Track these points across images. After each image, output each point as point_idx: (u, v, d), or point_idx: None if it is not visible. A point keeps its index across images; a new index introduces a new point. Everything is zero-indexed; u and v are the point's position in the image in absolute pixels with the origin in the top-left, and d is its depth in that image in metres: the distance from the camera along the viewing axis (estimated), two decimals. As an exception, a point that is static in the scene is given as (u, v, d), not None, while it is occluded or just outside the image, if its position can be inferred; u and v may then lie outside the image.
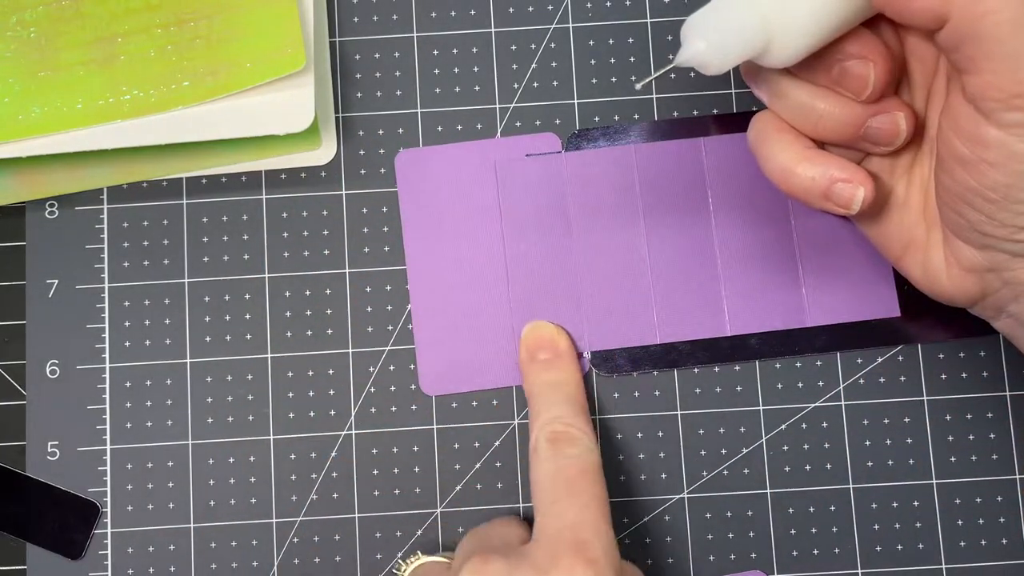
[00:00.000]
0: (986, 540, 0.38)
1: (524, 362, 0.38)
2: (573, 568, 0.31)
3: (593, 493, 0.33)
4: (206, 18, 0.39)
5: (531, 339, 0.38)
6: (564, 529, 0.32)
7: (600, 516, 0.33)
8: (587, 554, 0.31)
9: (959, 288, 0.33)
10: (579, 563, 0.31)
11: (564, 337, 0.38)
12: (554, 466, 0.34)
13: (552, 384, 0.37)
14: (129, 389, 0.39)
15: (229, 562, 0.38)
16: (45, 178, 0.39)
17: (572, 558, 0.31)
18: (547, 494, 0.33)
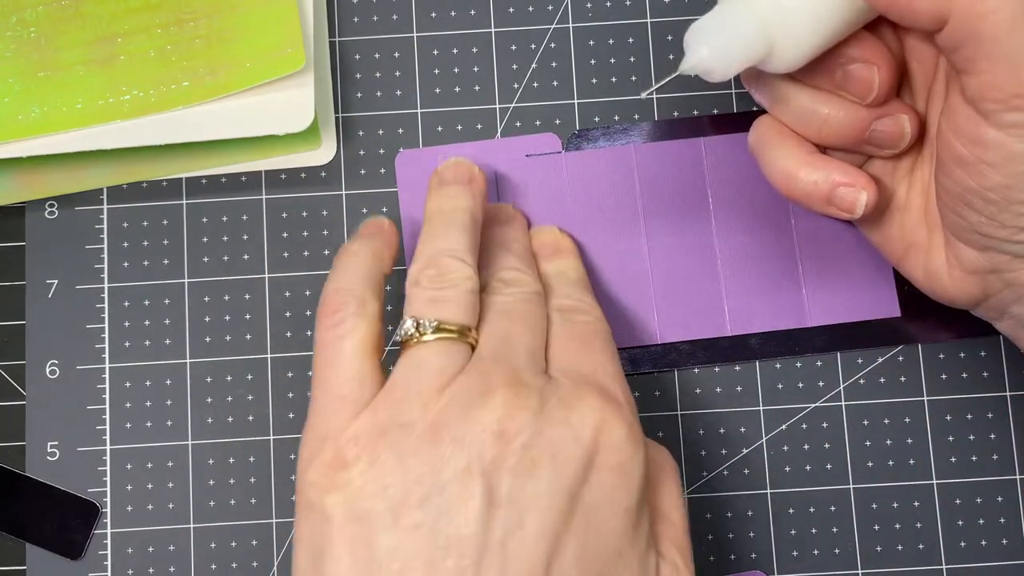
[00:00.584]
0: (986, 540, 0.38)
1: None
2: (603, 407, 0.30)
3: (610, 352, 0.32)
4: (206, 18, 0.39)
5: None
6: (588, 375, 0.31)
7: (620, 367, 0.32)
8: (613, 398, 0.30)
9: (961, 290, 0.33)
10: (608, 404, 0.30)
11: (567, 238, 0.38)
12: (570, 328, 0.33)
13: (561, 268, 0.36)
14: (129, 389, 0.39)
15: (229, 562, 0.38)
16: (45, 178, 0.39)
17: (599, 399, 0.30)
18: (562, 350, 0.32)
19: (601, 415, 0.29)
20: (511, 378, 0.30)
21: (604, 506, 0.29)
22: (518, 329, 0.32)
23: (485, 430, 0.28)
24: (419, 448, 0.28)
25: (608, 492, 0.29)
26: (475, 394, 0.29)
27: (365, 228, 0.35)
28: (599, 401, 0.30)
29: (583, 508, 0.28)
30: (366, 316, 0.31)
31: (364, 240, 0.34)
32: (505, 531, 0.27)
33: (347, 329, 0.31)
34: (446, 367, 0.30)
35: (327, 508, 0.28)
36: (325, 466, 0.29)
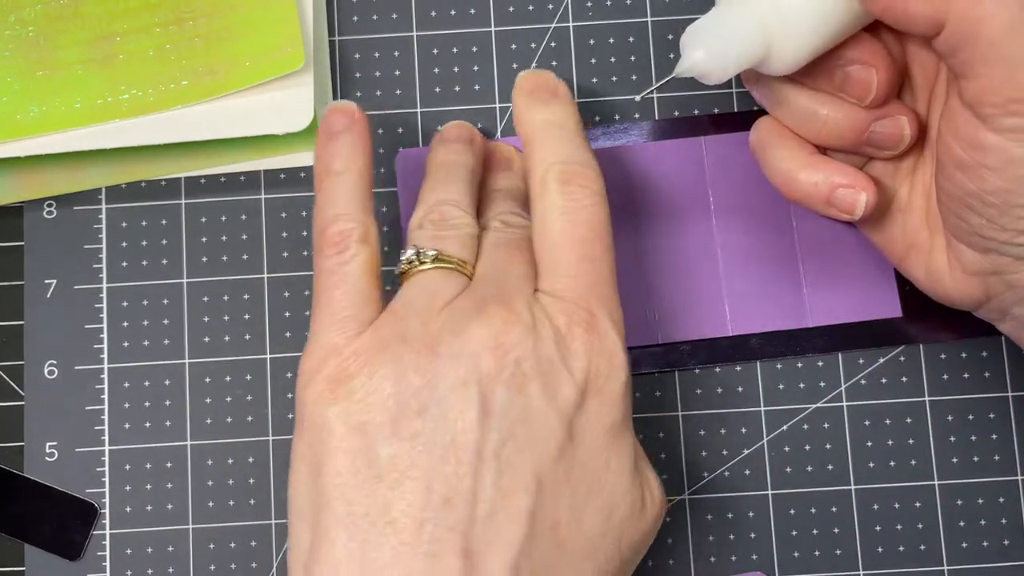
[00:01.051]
0: (988, 541, 0.38)
1: (519, 102, 0.35)
2: (589, 340, 0.30)
3: (607, 260, 0.32)
4: (205, 17, 0.39)
5: (528, 81, 0.35)
6: (578, 298, 0.31)
7: (612, 286, 0.32)
8: (598, 326, 0.31)
9: (963, 291, 0.33)
10: (593, 336, 0.30)
11: (564, 84, 0.36)
12: (566, 219, 0.32)
13: (556, 122, 0.34)
14: (128, 390, 0.39)
15: (228, 563, 0.38)
16: (43, 178, 0.39)
17: (586, 332, 0.30)
18: (560, 249, 0.32)
19: (587, 348, 0.30)
20: (505, 298, 0.30)
21: (592, 425, 0.30)
22: (515, 258, 0.32)
23: (480, 344, 0.29)
24: (418, 362, 0.29)
25: (595, 415, 0.30)
26: (471, 312, 0.30)
27: (334, 124, 0.34)
28: (586, 334, 0.30)
29: (571, 426, 0.29)
30: (368, 241, 0.32)
31: (343, 153, 0.33)
32: (499, 440, 0.29)
33: (352, 255, 0.31)
34: (444, 289, 0.31)
35: (329, 420, 0.29)
36: (327, 380, 0.30)
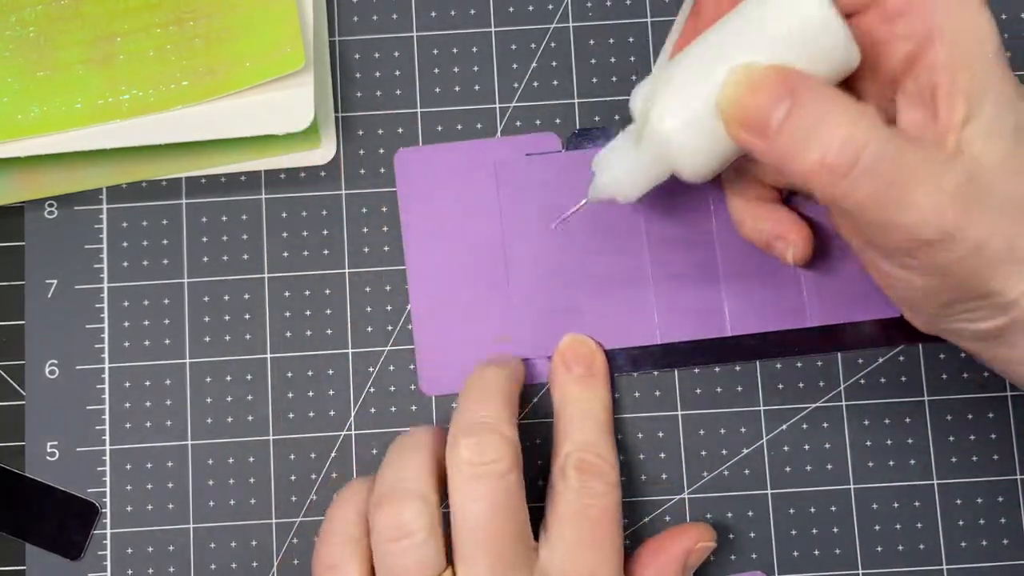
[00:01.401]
0: (987, 541, 0.38)
1: (557, 370, 0.37)
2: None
3: (612, 542, 0.34)
4: (205, 17, 0.39)
5: (569, 350, 0.38)
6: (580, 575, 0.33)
7: (615, 569, 0.34)
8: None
9: (931, 329, 0.33)
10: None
11: (601, 356, 0.38)
12: (580, 503, 0.34)
13: (585, 403, 0.36)
14: (128, 389, 0.39)
15: (228, 563, 0.38)
16: (44, 178, 0.39)
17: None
18: (568, 530, 0.33)
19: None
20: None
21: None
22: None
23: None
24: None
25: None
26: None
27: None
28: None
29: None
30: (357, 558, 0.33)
31: (348, 491, 0.35)
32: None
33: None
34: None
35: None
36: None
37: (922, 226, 0.26)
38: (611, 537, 0.34)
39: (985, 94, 0.27)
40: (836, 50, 0.28)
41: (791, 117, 0.27)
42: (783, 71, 0.28)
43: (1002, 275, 0.27)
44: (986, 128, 0.26)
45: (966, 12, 0.27)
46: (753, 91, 0.28)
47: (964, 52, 0.26)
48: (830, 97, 0.27)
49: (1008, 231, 0.27)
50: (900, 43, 0.27)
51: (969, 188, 0.26)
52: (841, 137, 0.26)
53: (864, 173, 0.26)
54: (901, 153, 0.26)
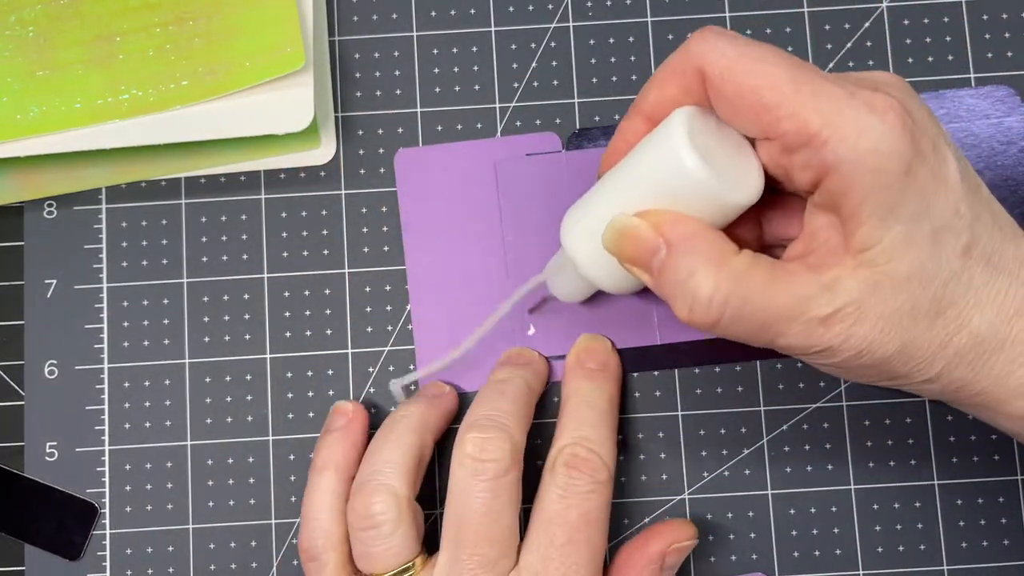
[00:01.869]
0: (988, 541, 0.38)
1: (570, 365, 0.38)
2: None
3: (590, 544, 0.34)
4: (205, 17, 0.39)
5: (583, 346, 0.38)
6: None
7: (592, 572, 0.34)
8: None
9: None
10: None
11: (616, 356, 0.38)
12: (561, 504, 0.34)
13: (589, 396, 0.36)
14: (128, 390, 0.39)
15: (228, 563, 0.38)
16: (43, 178, 0.39)
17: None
18: (544, 533, 0.34)
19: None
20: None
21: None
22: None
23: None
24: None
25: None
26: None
27: (330, 424, 0.37)
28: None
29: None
30: (336, 547, 0.35)
31: (323, 452, 0.36)
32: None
33: (322, 563, 0.35)
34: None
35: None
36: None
37: (796, 347, 0.29)
38: (588, 540, 0.34)
39: (891, 215, 0.27)
40: (718, 199, 0.29)
41: (666, 266, 0.29)
42: (659, 219, 0.30)
43: (900, 366, 0.29)
44: (892, 248, 0.27)
45: (864, 143, 0.27)
46: (627, 238, 0.30)
47: (864, 182, 0.27)
48: (701, 250, 0.29)
49: (903, 336, 0.28)
50: (803, 170, 0.28)
51: (855, 306, 0.28)
52: (706, 294, 0.28)
53: (731, 323, 0.29)
54: (767, 298, 0.28)
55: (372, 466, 0.35)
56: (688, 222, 0.30)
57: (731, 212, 0.30)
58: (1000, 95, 0.39)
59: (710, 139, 0.30)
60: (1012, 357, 0.28)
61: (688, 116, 0.29)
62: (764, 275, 0.28)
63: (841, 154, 0.27)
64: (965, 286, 0.28)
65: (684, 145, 0.29)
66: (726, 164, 0.30)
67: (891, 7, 0.40)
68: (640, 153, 0.31)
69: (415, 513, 0.35)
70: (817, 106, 0.27)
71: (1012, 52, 0.40)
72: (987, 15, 0.40)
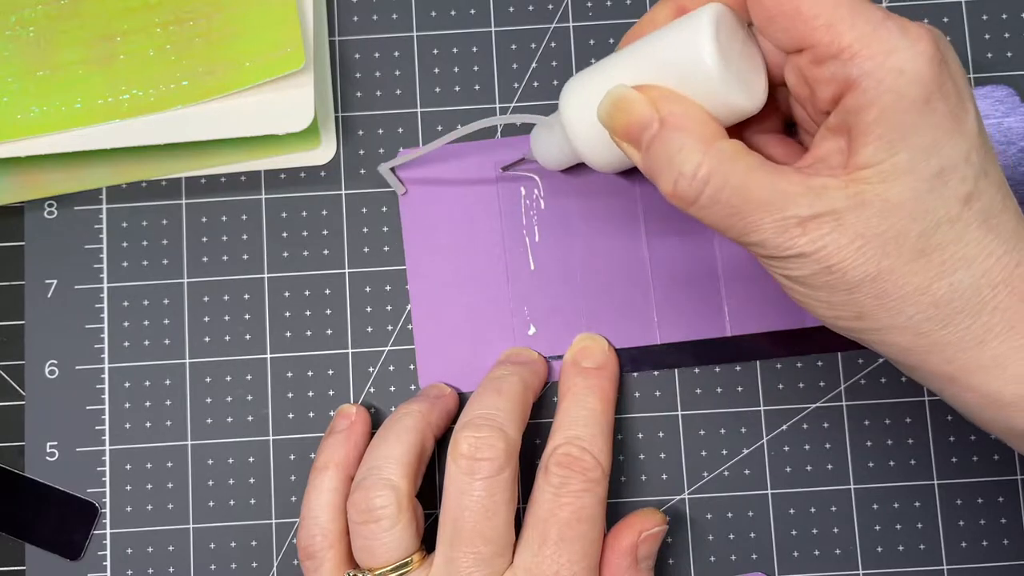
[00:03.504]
0: (987, 541, 0.38)
1: (566, 364, 0.38)
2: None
3: (582, 543, 0.34)
4: (205, 17, 0.39)
5: (580, 346, 0.38)
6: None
7: (585, 570, 0.34)
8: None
9: None
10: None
11: (614, 356, 0.38)
12: (554, 503, 0.34)
13: (584, 396, 0.36)
14: (128, 389, 0.39)
15: (228, 563, 0.38)
16: (44, 178, 0.39)
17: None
18: (538, 527, 0.34)
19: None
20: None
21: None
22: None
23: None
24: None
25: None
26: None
27: (334, 427, 0.38)
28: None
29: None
30: (334, 545, 0.35)
31: (326, 451, 0.37)
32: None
33: (319, 561, 0.35)
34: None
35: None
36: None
37: (766, 244, 0.28)
38: (582, 537, 0.34)
39: (900, 140, 0.27)
40: (722, 96, 0.30)
41: (656, 139, 0.29)
42: (656, 94, 0.30)
43: (871, 300, 0.28)
44: (892, 171, 0.27)
45: (891, 62, 0.27)
46: (622, 110, 0.30)
47: (882, 101, 0.27)
48: (692, 128, 0.29)
49: (881, 262, 0.27)
50: (827, 84, 0.28)
51: (836, 217, 0.27)
52: (690, 169, 0.28)
53: (709, 203, 0.28)
54: (749, 184, 0.28)
55: (373, 461, 0.35)
56: (684, 101, 0.30)
57: (731, 114, 0.30)
58: (1000, 95, 0.39)
59: (731, 42, 0.30)
60: (989, 326, 0.27)
61: (718, 12, 0.30)
62: (751, 163, 0.28)
63: (867, 69, 0.27)
64: (958, 233, 0.27)
65: (707, 36, 0.29)
66: (740, 68, 0.30)
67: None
68: (660, 36, 0.31)
69: (415, 509, 0.35)
70: (853, 21, 0.27)
71: (1012, 52, 0.40)
72: (987, 15, 0.40)
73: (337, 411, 0.38)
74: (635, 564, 0.35)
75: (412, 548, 0.34)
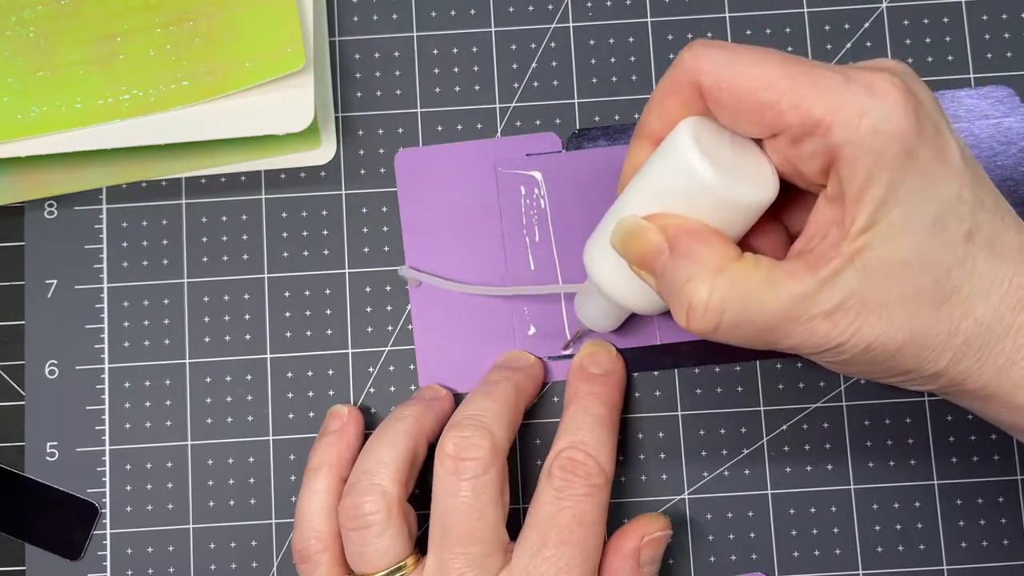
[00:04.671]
0: (987, 541, 0.38)
1: (573, 369, 0.38)
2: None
3: (582, 547, 0.34)
4: (205, 17, 0.39)
5: (587, 352, 0.38)
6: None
7: (584, 567, 0.33)
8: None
9: None
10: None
11: (621, 364, 0.38)
12: (556, 505, 0.34)
13: (590, 400, 0.36)
14: (128, 390, 0.39)
15: (228, 563, 0.38)
16: (44, 178, 0.39)
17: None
18: (538, 529, 0.34)
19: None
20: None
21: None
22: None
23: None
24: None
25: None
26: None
27: (326, 427, 0.38)
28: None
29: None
30: (329, 548, 0.35)
31: (319, 452, 0.37)
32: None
33: (314, 565, 0.35)
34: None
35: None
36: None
37: (802, 347, 0.28)
38: (582, 541, 0.34)
39: (891, 197, 0.27)
40: (730, 201, 0.29)
41: (667, 267, 0.29)
42: (666, 221, 0.30)
43: (910, 359, 0.28)
44: (890, 230, 0.27)
45: (865, 125, 0.27)
46: (635, 239, 0.30)
47: (864, 167, 0.27)
48: (699, 254, 0.29)
49: (911, 324, 0.28)
50: (811, 160, 0.28)
51: (857, 298, 0.27)
52: (700, 302, 0.28)
53: (730, 330, 0.28)
54: (765, 301, 0.28)
55: (364, 466, 0.35)
56: (691, 225, 0.29)
57: (748, 213, 0.30)
58: (1000, 95, 0.39)
59: (718, 145, 0.30)
60: (1017, 347, 0.28)
61: (693, 124, 0.30)
62: (761, 278, 0.28)
63: (845, 137, 0.27)
64: (968, 272, 0.28)
65: (691, 150, 0.29)
66: (737, 166, 0.30)
67: (891, 7, 0.40)
68: (650, 167, 0.31)
69: (406, 513, 0.35)
70: (818, 94, 0.27)
71: (1012, 52, 0.40)
72: (987, 15, 0.40)
73: (329, 412, 0.38)
74: (637, 568, 0.35)
75: (404, 553, 0.34)
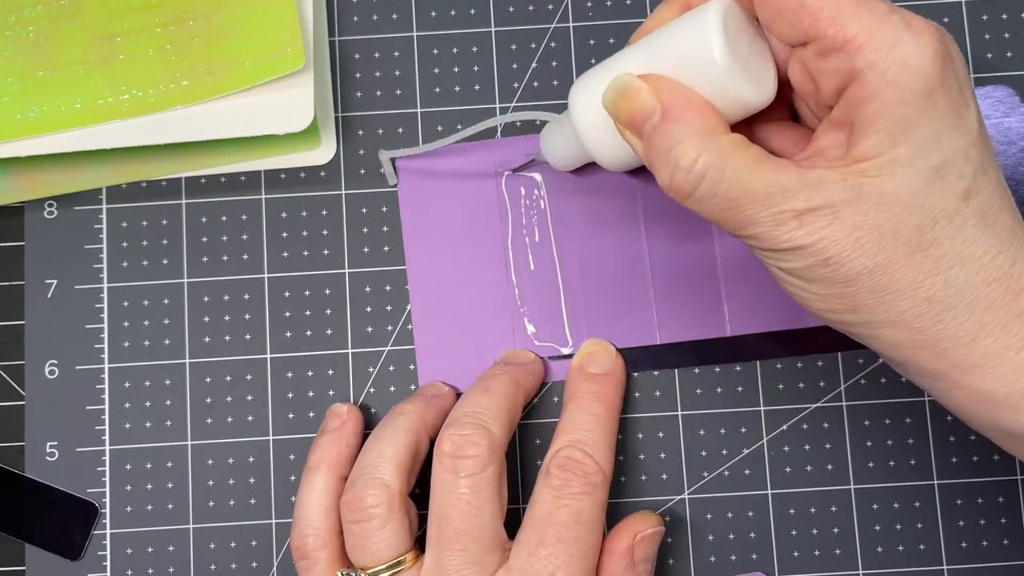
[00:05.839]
0: (987, 541, 0.38)
1: (572, 369, 0.38)
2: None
3: (580, 545, 0.34)
4: (205, 17, 0.39)
5: (587, 351, 0.38)
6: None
7: (583, 573, 0.33)
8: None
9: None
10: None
11: (620, 364, 0.38)
12: (553, 504, 0.34)
13: (588, 400, 0.36)
14: (128, 389, 0.39)
15: (228, 563, 0.38)
16: (44, 178, 0.39)
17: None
18: (536, 527, 0.34)
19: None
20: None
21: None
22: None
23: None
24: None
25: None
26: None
27: (326, 425, 0.38)
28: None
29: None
30: (327, 545, 0.35)
31: (318, 451, 0.37)
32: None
33: (312, 562, 0.35)
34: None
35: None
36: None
37: (763, 238, 0.28)
38: (579, 539, 0.34)
39: (901, 134, 0.27)
40: (730, 90, 0.29)
41: (657, 130, 0.29)
42: (661, 84, 0.30)
43: (866, 294, 0.28)
44: (891, 164, 0.27)
45: (895, 55, 0.27)
46: (626, 97, 0.30)
47: (885, 94, 0.27)
48: (692, 120, 0.29)
49: (878, 255, 0.27)
50: (831, 77, 0.28)
51: (832, 210, 0.27)
52: (686, 163, 0.28)
53: (705, 196, 0.28)
54: (746, 178, 0.28)
55: (367, 460, 0.35)
56: (688, 92, 0.30)
57: (736, 108, 0.30)
58: (1000, 95, 0.39)
59: (740, 35, 0.30)
60: (982, 324, 0.27)
61: (726, 6, 0.30)
62: (748, 157, 0.28)
63: (871, 61, 0.27)
64: (956, 229, 0.27)
65: (715, 30, 0.29)
66: (748, 62, 0.30)
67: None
68: (668, 31, 0.31)
69: (408, 509, 0.35)
70: (858, 13, 0.27)
71: (1012, 52, 0.40)
72: (987, 15, 0.40)
73: (329, 410, 0.38)
74: (632, 567, 0.35)
75: (405, 547, 0.34)
